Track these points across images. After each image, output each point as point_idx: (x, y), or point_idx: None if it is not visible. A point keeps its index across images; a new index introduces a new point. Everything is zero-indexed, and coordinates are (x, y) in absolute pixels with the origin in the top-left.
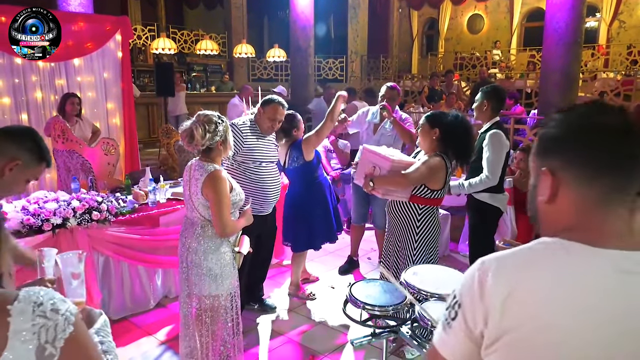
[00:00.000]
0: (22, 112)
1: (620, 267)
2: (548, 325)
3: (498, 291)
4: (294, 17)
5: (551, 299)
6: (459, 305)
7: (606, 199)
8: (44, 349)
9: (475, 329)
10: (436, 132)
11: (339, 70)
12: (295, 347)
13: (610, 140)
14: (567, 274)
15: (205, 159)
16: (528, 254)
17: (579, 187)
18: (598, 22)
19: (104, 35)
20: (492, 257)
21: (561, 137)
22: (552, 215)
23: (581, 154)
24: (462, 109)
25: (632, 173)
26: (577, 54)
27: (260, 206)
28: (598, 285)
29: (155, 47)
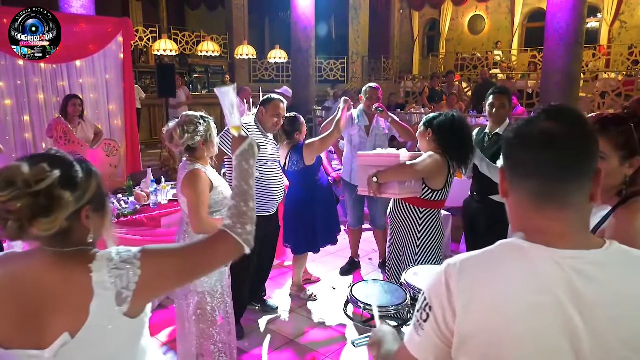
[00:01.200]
0: (25, 114)
1: (566, 264)
2: (506, 324)
3: (462, 293)
4: (295, 18)
5: (506, 299)
6: (430, 307)
7: (537, 201)
8: (121, 294)
9: (447, 330)
10: (429, 132)
11: (340, 71)
12: (297, 347)
13: (532, 147)
14: (520, 273)
15: (190, 159)
16: (488, 256)
17: (516, 187)
18: (599, 22)
19: (105, 37)
20: (457, 259)
21: (507, 139)
22: (509, 211)
23: (513, 157)
24: (463, 109)
25: (555, 178)
26: (578, 54)
27: (265, 206)
28: (545, 282)
29: (157, 48)
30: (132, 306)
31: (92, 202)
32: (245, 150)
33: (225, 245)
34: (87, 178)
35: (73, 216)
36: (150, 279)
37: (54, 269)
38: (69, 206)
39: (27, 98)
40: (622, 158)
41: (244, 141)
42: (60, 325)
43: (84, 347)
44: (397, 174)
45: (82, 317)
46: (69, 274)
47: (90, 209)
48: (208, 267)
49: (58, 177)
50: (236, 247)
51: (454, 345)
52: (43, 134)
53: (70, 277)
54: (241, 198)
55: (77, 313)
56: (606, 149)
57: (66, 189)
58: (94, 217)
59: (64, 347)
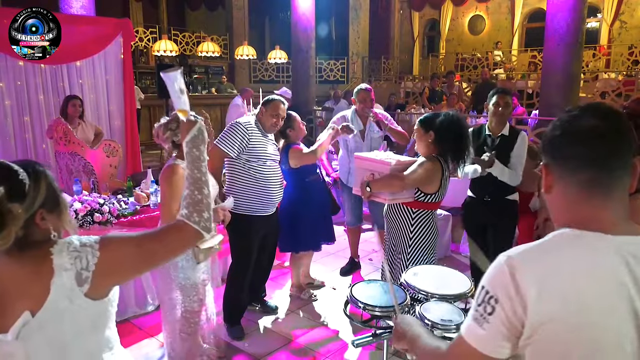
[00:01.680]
0: (25, 115)
1: (623, 250)
2: (577, 309)
3: (531, 283)
4: (295, 19)
5: (575, 286)
6: (495, 300)
7: (588, 192)
8: (81, 274)
9: (516, 320)
10: (431, 135)
11: (340, 71)
12: (297, 348)
13: (585, 142)
14: (585, 260)
15: (177, 156)
16: (549, 246)
17: (566, 180)
18: (599, 22)
19: (105, 38)
20: (516, 251)
21: (552, 136)
22: (553, 205)
23: (563, 152)
24: (463, 110)
25: (605, 169)
26: (578, 54)
27: (264, 206)
28: (610, 268)
29: (157, 49)
30: (92, 287)
31: (45, 204)
32: (195, 136)
33: (183, 234)
34: (35, 184)
35: (27, 223)
36: (109, 262)
37: (15, 259)
38: (20, 217)
39: (27, 99)
40: None
41: (193, 126)
42: (21, 307)
43: (44, 327)
44: (387, 185)
45: (43, 296)
46: (31, 260)
47: (44, 212)
48: (166, 255)
49: (3, 193)
50: (194, 235)
51: (524, 335)
52: (43, 135)
53: (32, 262)
54: (195, 186)
55: (39, 293)
56: None
57: (15, 201)
58: (50, 217)
59: (25, 327)
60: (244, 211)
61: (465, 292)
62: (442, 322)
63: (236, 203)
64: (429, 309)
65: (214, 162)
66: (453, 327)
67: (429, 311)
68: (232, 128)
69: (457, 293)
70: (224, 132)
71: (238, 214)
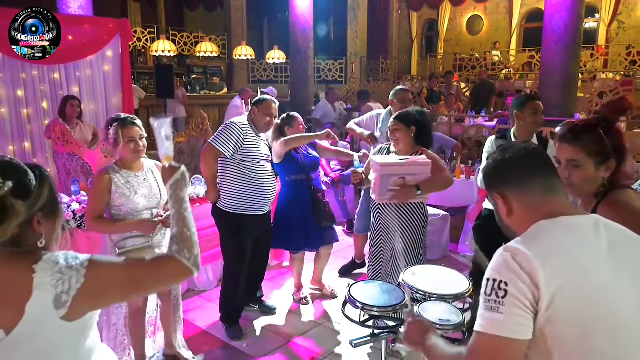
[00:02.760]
0: (22, 117)
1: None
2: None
3: (536, 257)
4: (293, 19)
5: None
6: (505, 282)
7: (543, 195)
8: (60, 297)
9: (530, 296)
10: (413, 129)
11: (338, 71)
12: (295, 348)
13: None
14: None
15: (117, 162)
16: (534, 231)
17: (520, 196)
18: (597, 22)
19: (103, 38)
20: (512, 242)
21: (495, 167)
22: (518, 222)
23: (513, 174)
24: (461, 110)
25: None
26: (576, 54)
27: (257, 205)
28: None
29: (155, 49)
30: (70, 311)
31: (44, 209)
32: (178, 180)
33: (175, 267)
34: (40, 185)
35: (24, 223)
36: (93, 288)
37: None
38: (21, 215)
39: (25, 99)
40: (597, 163)
41: (176, 171)
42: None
43: (19, 345)
44: (441, 185)
45: (17, 316)
46: (12, 271)
47: (41, 216)
48: (155, 286)
49: (11, 187)
50: (185, 270)
51: (542, 308)
52: (41, 135)
53: (13, 274)
54: (183, 224)
55: (14, 311)
56: (580, 156)
57: (19, 199)
58: (45, 223)
59: (0, 343)
60: (238, 210)
61: (464, 292)
62: (440, 322)
63: (229, 202)
64: (427, 309)
65: (208, 161)
66: (450, 327)
67: (427, 311)
68: (227, 128)
69: (455, 293)
70: (219, 131)
71: (231, 213)
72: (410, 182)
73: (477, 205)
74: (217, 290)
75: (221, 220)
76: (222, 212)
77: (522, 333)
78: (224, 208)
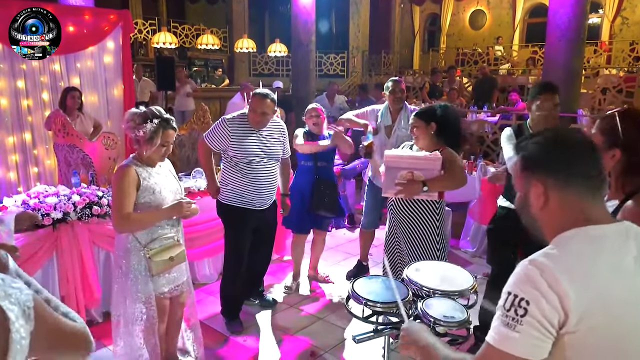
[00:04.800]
0: (22, 108)
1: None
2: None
3: (562, 276)
4: (295, 12)
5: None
6: (527, 301)
7: (584, 195)
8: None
9: (554, 319)
10: (433, 126)
11: (340, 65)
12: (296, 342)
13: (584, 154)
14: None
15: (135, 156)
16: (561, 245)
17: (563, 190)
18: (600, 18)
19: (104, 29)
20: (538, 255)
21: (543, 157)
22: (548, 217)
23: (561, 168)
24: (463, 105)
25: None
26: (580, 50)
27: (253, 200)
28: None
29: (156, 41)
30: None
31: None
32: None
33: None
34: None
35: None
36: None
37: None
38: None
39: (25, 90)
40: (604, 143)
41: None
42: None
43: None
44: (451, 184)
45: None
46: None
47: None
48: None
49: None
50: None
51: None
52: (41, 126)
53: None
54: None
55: None
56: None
57: None
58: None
59: None
60: (234, 203)
61: (468, 289)
62: (444, 319)
63: (227, 195)
64: (431, 305)
65: (201, 155)
66: (455, 324)
67: (430, 307)
68: (217, 124)
69: (460, 289)
70: (212, 126)
71: (229, 205)
72: (419, 178)
73: (480, 201)
74: (217, 284)
75: (220, 212)
76: (220, 204)
77: (536, 355)
78: (222, 200)
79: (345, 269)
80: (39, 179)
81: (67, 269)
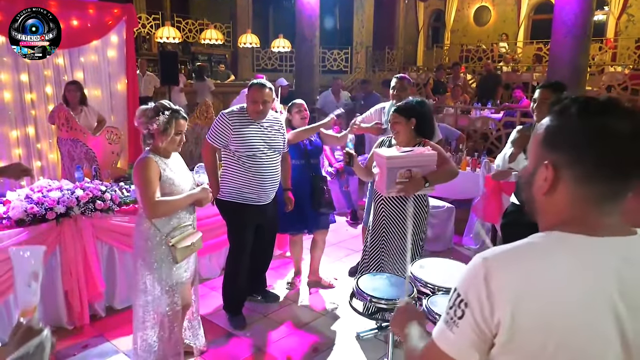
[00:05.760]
0: (25, 102)
1: (618, 252)
2: (562, 313)
3: (507, 289)
4: (299, 7)
5: (560, 289)
6: (465, 304)
7: (601, 201)
8: None
9: (485, 326)
10: (413, 122)
11: (343, 61)
12: (299, 338)
13: (622, 148)
14: (571, 263)
15: (148, 146)
16: (530, 249)
17: (578, 187)
18: (606, 15)
19: (108, 23)
20: (493, 252)
21: (572, 134)
22: (548, 207)
23: (589, 157)
24: (467, 101)
25: (631, 179)
26: (586, 47)
27: (257, 195)
28: (599, 269)
29: (160, 35)
30: None
31: None
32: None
33: None
34: None
35: None
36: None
37: None
38: None
39: (28, 84)
40: None
41: (33, 337)
42: None
43: None
44: (447, 176)
45: None
46: None
47: None
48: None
49: None
50: None
51: (499, 343)
52: (45, 120)
53: None
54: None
55: None
56: None
57: None
58: None
59: None
60: (236, 199)
61: None
62: None
63: (228, 191)
64: (436, 302)
65: (206, 156)
66: None
67: (435, 304)
68: (217, 120)
69: None
70: (212, 124)
71: (231, 202)
72: (417, 174)
73: (483, 198)
74: (220, 279)
75: (222, 210)
76: (222, 202)
77: (469, 357)
78: (223, 198)
79: (347, 265)
80: (42, 173)
81: (70, 263)
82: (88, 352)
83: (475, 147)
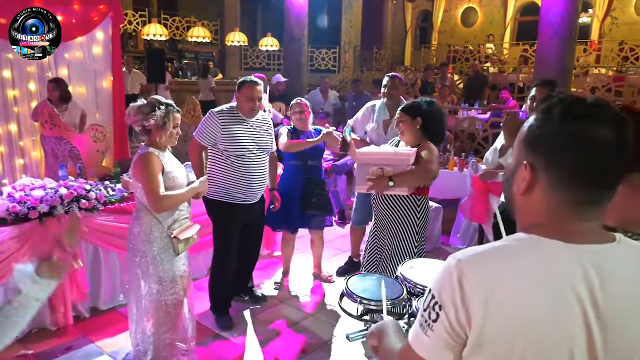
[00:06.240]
0: (8, 98)
1: (591, 260)
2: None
3: (479, 291)
4: (288, 6)
5: (529, 294)
6: (440, 306)
7: (577, 207)
8: None
9: (460, 329)
10: (419, 121)
11: (331, 60)
12: (287, 339)
13: (599, 157)
14: (542, 268)
15: (146, 142)
16: (503, 251)
17: (552, 191)
18: (590, 17)
19: (94, 19)
20: (467, 254)
21: (551, 137)
22: (526, 207)
23: (564, 163)
24: (455, 102)
25: (611, 188)
26: (572, 48)
27: (245, 195)
28: (570, 277)
29: (146, 32)
30: None
31: None
32: None
33: None
34: None
35: None
36: None
37: None
38: None
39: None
40: None
41: None
42: None
43: None
44: (417, 178)
45: None
46: None
47: None
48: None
49: None
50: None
51: (469, 344)
52: (28, 118)
53: None
54: None
55: None
56: None
57: None
58: None
59: None
60: (223, 198)
61: None
62: None
63: (216, 190)
64: None
65: (192, 154)
66: None
67: None
68: (206, 118)
69: None
70: (200, 122)
71: (219, 201)
72: (388, 173)
73: (470, 198)
74: (207, 279)
75: (209, 209)
76: (208, 200)
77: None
78: (210, 196)
79: (335, 265)
80: (25, 171)
81: None
82: (72, 354)
83: (462, 147)
